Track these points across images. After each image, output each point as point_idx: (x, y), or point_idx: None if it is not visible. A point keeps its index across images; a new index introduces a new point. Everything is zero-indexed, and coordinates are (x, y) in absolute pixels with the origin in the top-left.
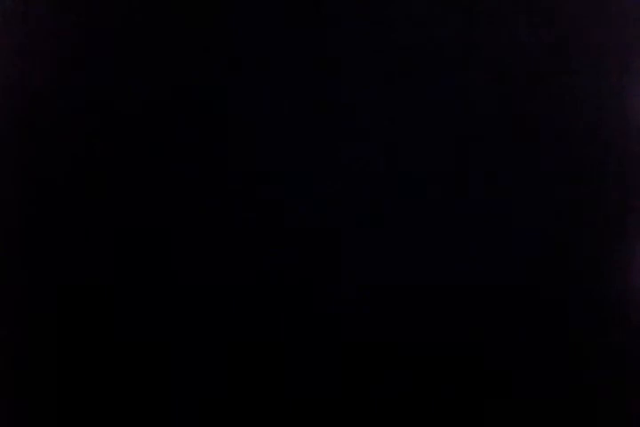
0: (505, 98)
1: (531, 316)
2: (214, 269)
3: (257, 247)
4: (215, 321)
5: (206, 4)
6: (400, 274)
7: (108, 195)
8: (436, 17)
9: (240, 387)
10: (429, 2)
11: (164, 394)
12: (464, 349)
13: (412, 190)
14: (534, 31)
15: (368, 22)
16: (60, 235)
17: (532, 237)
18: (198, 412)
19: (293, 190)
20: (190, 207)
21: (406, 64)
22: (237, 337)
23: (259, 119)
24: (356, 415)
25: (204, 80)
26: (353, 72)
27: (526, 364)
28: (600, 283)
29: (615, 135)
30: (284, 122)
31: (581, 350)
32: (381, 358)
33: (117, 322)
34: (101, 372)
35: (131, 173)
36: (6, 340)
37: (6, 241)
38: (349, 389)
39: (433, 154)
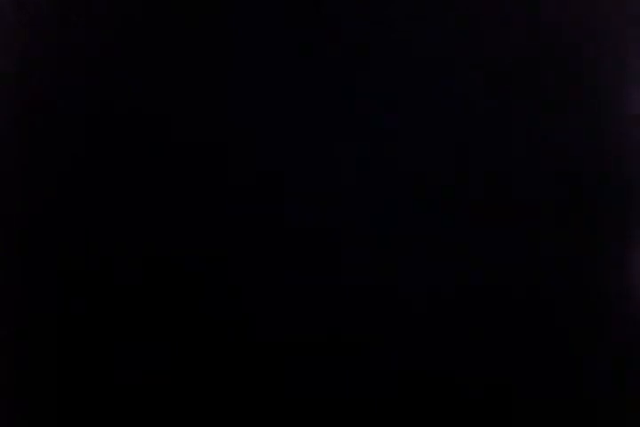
0: (505, 98)
1: (530, 316)
2: (213, 268)
3: (254, 244)
4: (216, 320)
5: (206, 3)
6: (397, 275)
7: (108, 194)
8: (437, 17)
9: (239, 387)
10: (430, 2)
11: (163, 392)
12: (463, 349)
13: (411, 190)
14: (534, 31)
15: (368, 22)
16: (60, 234)
17: (531, 237)
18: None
19: (292, 191)
20: (189, 206)
21: (406, 64)
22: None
23: (258, 119)
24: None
25: (203, 80)
26: (352, 72)
27: (526, 364)
28: (600, 283)
29: (615, 135)
30: (284, 122)
31: (581, 351)
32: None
33: (118, 322)
34: (102, 372)
35: (131, 173)
36: (6, 340)
37: (6, 241)
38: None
39: (432, 153)
